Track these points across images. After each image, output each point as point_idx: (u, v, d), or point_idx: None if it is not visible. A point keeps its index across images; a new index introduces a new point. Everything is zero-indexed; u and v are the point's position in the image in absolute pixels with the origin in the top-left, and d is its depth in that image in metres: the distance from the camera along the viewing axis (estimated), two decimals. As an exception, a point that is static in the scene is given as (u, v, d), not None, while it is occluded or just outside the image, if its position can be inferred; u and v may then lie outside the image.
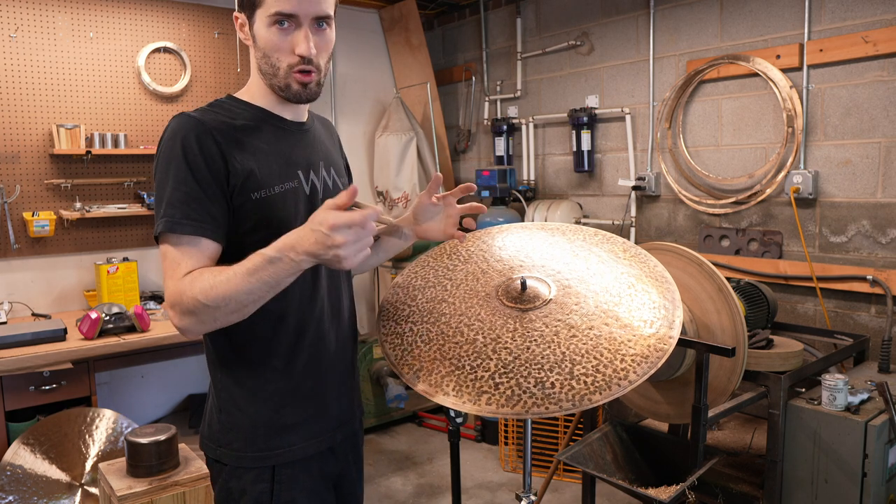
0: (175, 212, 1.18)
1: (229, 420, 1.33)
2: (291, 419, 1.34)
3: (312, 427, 1.36)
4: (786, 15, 2.91)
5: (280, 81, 1.27)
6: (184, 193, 1.19)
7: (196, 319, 1.15)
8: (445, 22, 4.76)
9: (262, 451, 1.32)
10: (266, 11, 1.22)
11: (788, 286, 2.96)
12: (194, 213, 1.19)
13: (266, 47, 1.25)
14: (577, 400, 1.21)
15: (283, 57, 1.25)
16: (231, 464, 1.32)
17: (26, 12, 3.27)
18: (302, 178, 1.33)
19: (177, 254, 1.18)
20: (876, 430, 2.00)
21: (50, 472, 2.59)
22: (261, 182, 1.25)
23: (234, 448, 1.32)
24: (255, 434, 1.32)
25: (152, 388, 3.78)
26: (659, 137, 3.42)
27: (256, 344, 1.31)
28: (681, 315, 1.37)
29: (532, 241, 1.64)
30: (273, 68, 1.26)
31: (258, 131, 1.30)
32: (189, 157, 1.20)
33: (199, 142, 1.21)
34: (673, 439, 2.24)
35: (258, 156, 1.27)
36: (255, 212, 1.25)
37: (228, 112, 1.29)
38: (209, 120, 1.24)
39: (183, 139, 1.21)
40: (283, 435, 1.33)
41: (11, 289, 3.32)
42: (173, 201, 1.19)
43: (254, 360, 1.32)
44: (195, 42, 3.75)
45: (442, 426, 4.10)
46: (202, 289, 1.12)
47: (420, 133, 4.34)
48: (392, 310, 1.50)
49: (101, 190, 3.52)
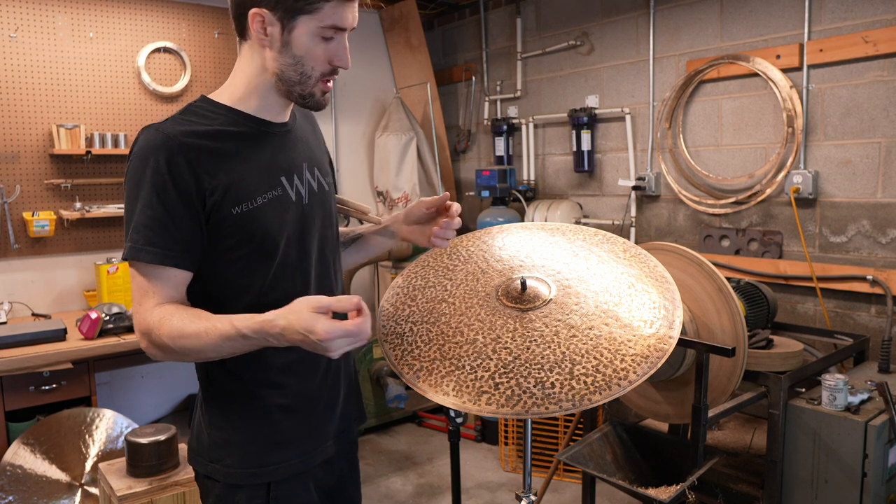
0: (139, 237, 1.14)
1: (221, 436, 1.29)
2: (287, 434, 1.30)
3: (308, 441, 1.33)
4: (786, 15, 2.91)
5: (307, 90, 1.22)
6: (148, 217, 1.14)
7: (163, 354, 1.15)
8: (445, 22, 4.76)
9: (256, 467, 1.27)
10: (320, 22, 1.17)
11: (788, 286, 2.96)
12: (159, 239, 1.14)
13: (305, 55, 1.19)
14: (577, 400, 1.21)
15: (319, 66, 1.21)
16: (223, 480, 1.27)
17: (26, 12, 3.27)
18: (286, 184, 1.27)
19: (143, 281, 1.16)
20: (876, 430, 2.00)
21: (50, 472, 2.59)
22: (241, 195, 1.19)
23: (227, 464, 1.27)
24: (248, 450, 1.27)
25: (152, 388, 3.78)
26: (659, 137, 3.42)
27: (250, 358, 1.22)
28: (681, 315, 1.37)
29: (532, 241, 1.64)
30: (303, 76, 1.21)
31: (236, 138, 1.22)
32: (155, 179, 1.14)
33: (168, 163, 1.14)
34: (673, 439, 2.24)
35: (237, 166, 1.20)
36: (238, 227, 1.20)
37: (203, 118, 1.22)
38: (181, 133, 1.17)
39: (151, 159, 1.14)
40: (279, 450, 1.29)
41: (11, 289, 3.32)
42: (138, 226, 1.15)
43: (247, 376, 1.27)
44: (195, 42, 3.75)
45: (442, 426, 4.10)
46: (170, 334, 1.11)
47: (420, 133, 4.34)
48: (392, 310, 1.50)
49: (101, 190, 3.52)
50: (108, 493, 2.14)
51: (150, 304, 1.15)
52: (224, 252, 1.21)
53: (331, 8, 1.16)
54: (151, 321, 1.12)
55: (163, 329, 1.11)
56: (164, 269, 1.15)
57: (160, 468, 2.14)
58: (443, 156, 4.55)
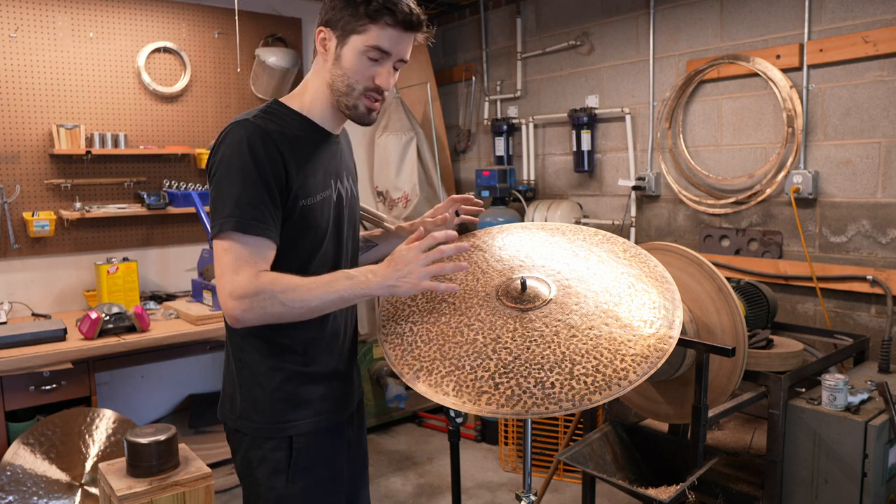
0: (244, 213, 1.29)
1: (250, 395, 1.46)
2: (307, 396, 1.47)
3: (325, 404, 1.50)
4: (786, 15, 2.91)
5: (351, 101, 1.40)
6: (252, 196, 1.30)
7: (261, 314, 1.28)
8: (445, 22, 4.76)
9: (280, 422, 1.44)
10: (365, 41, 1.35)
11: (788, 286, 2.96)
12: (261, 215, 1.31)
13: (350, 69, 1.38)
14: (577, 400, 1.21)
15: (362, 81, 1.38)
16: (251, 434, 1.46)
17: (26, 12, 3.27)
18: (333, 186, 1.48)
19: (243, 251, 1.29)
20: (876, 430, 2.00)
21: (50, 472, 2.59)
22: (309, 190, 1.40)
23: (255, 420, 1.45)
24: (273, 408, 1.45)
25: (152, 388, 3.78)
26: (659, 137, 3.42)
27: (281, 331, 1.43)
28: (681, 315, 1.38)
29: (532, 241, 1.64)
30: (349, 88, 1.39)
31: (308, 142, 1.43)
32: (257, 163, 1.31)
33: (265, 148, 1.33)
34: (673, 439, 2.24)
35: (308, 166, 1.41)
36: (301, 217, 1.39)
37: (283, 121, 1.41)
38: (273, 130, 1.36)
39: (250, 144, 1.32)
40: (300, 409, 1.46)
41: (11, 289, 3.32)
42: (241, 203, 1.30)
43: (277, 345, 1.45)
44: (195, 42, 3.75)
45: (442, 426, 4.10)
46: (283, 290, 1.28)
47: (420, 133, 4.34)
48: (392, 310, 1.50)
49: (101, 190, 3.53)
50: (108, 493, 2.15)
51: (252, 271, 1.29)
52: (283, 239, 1.38)
53: (376, 30, 1.35)
54: (260, 282, 1.27)
55: (276, 286, 1.27)
56: (264, 241, 1.32)
57: (160, 468, 2.14)
58: (443, 156, 4.55)
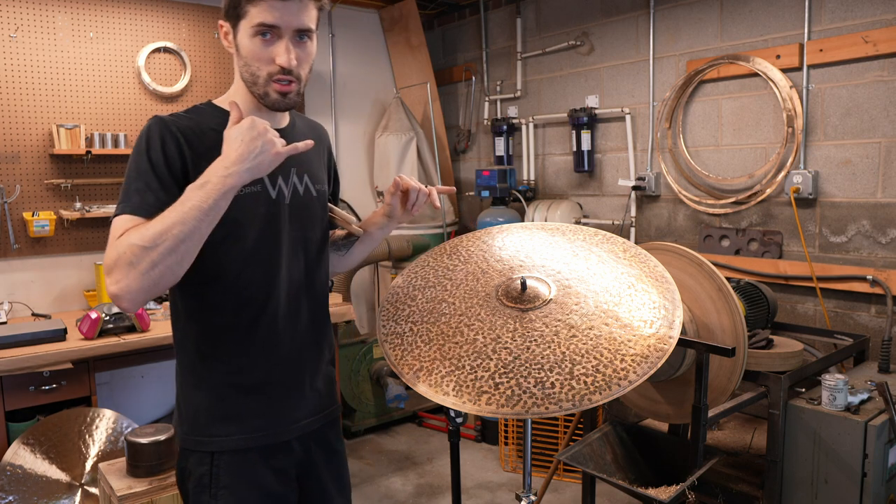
0: (131, 200, 1.23)
1: (182, 403, 1.41)
2: (233, 410, 1.37)
3: (256, 420, 1.38)
4: (786, 15, 2.91)
5: (259, 90, 1.32)
6: (141, 185, 1.24)
7: (135, 272, 1.12)
8: (445, 22, 4.76)
9: (202, 436, 1.37)
10: (249, 22, 1.27)
11: (788, 286, 2.96)
12: (150, 200, 1.23)
13: (248, 56, 1.30)
14: (577, 400, 1.21)
15: (264, 66, 1.29)
16: (181, 446, 1.41)
17: (26, 12, 3.27)
18: (267, 182, 1.37)
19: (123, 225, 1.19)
20: (876, 430, 2.00)
21: (50, 472, 2.59)
22: None
23: (184, 431, 1.39)
24: (196, 420, 1.37)
25: (152, 388, 3.78)
26: (659, 137, 3.42)
27: (207, 334, 1.36)
28: (681, 315, 1.37)
29: (532, 241, 1.64)
30: (253, 76, 1.31)
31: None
32: (151, 153, 1.26)
33: (161, 139, 1.27)
34: (673, 439, 2.24)
35: None
36: None
37: (203, 117, 1.35)
38: (182, 124, 1.31)
39: (148, 137, 1.28)
40: (223, 424, 1.36)
41: (11, 289, 3.32)
42: (129, 192, 1.24)
43: (202, 350, 1.37)
44: (195, 42, 3.75)
45: (442, 426, 4.10)
46: (139, 234, 1.14)
47: (420, 133, 4.34)
48: (392, 310, 1.50)
49: (101, 190, 3.52)
50: (108, 493, 2.15)
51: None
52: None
53: (255, 8, 1.26)
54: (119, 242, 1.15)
55: (131, 237, 1.14)
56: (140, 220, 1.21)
57: (160, 468, 2.14)
58: (443, 156, 4.55)
